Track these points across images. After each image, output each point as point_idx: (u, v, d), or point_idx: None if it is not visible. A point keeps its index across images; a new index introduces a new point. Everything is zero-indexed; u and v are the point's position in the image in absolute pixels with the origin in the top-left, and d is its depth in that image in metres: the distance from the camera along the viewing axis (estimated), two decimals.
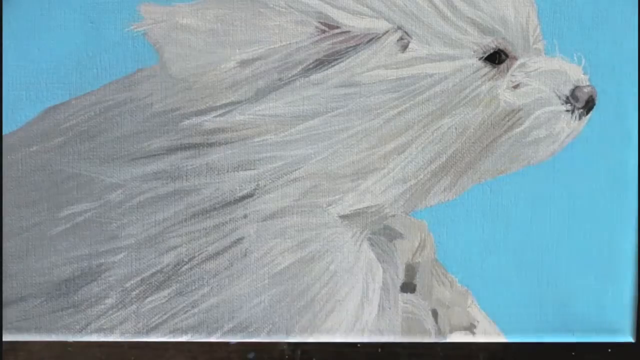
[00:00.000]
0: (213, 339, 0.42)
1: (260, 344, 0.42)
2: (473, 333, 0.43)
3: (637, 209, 0.42)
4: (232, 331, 0.42)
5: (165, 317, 0.42)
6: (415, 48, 0.42)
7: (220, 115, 0.41)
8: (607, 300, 0.43)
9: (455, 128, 0.42)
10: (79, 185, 0.41)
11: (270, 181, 0.42)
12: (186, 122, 0.41)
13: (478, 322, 0.42)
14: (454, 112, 0.42)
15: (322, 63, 0.42)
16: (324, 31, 0.42)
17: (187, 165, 0.42)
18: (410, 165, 0.42)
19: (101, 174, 0.41)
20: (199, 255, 0.42)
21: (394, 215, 0.42)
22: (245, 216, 0.42)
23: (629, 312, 0.43)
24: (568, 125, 0.42)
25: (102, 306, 0.42)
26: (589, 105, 0.42)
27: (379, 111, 0.42)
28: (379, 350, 0.43)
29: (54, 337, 0.41)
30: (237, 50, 0.41)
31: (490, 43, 0.42)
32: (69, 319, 0.41)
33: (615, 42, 0.42)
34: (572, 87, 0.42)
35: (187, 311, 0.42)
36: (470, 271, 0.42)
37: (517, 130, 0.42)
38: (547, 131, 0.42)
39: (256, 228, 0.42)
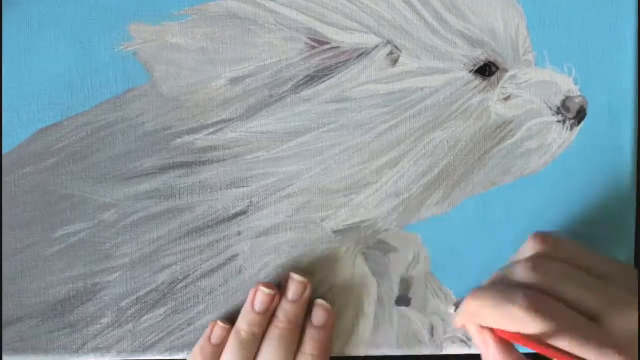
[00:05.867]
0: None
1: None
2: (469, 345, 0.43)
3: (634, 220, 0.42)
4: None
5: (161, 335, 0.42)
6: (406, 62, 0.42)
7: (212, 133, 0.42)
8: None
9: (447, 141, 0.42)
10: (72, 206, 0.41)
11: (264, 198, 0.42)
12: (178, 140, 0.42)
13: None
14: (445, 125, 0.42)
15: (312, 79, 0.42)
16: (313, 47, 0.42)
17: (180, 184, 0.42)
18: (402, 179, 0.42)
19: (94, 194, 0.41)
20: (193, 273, 0.42)
21: (387, 230, 0.42)
22: (239, 233, 0.42)
23: None
24: (560, 136, 0.42)
25: (98, 326, 0.42)
26: (580, 115, 0.42)
27: (370, 126, 0.42)
28: None
29: (50, 358, 0.42)
30: (228, 68, 0.42)
31: (480, 55, 0.42)
32: (65, 339, 0.41)
33: (605, 52, 0.42)
34: (563, 97, 0.42)
35: (183, 329, 0.42)
36: (465, 284, 0.42)
37: (509, 142, 0.42)
38: (539, 142, 0.42)
39: (250, 245, 0.42)
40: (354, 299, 0.43)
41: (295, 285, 0.41)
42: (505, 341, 0.34)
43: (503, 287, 0.34)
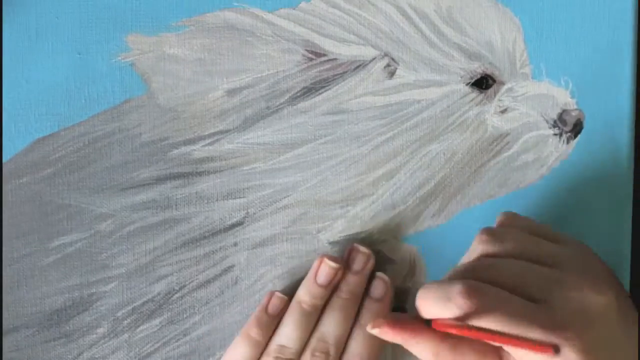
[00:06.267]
0: None
1: None
2: None
3: (630, 232, 0.42)
4: None
5: (157, 345, 0.42)
6: (403, 74, 0.42)
7: (208, 144, 0.42)
8: None
9: (444, 153, 0.42)
10: (69, 216, 0.41)
11: (260, 209, 0.42)
12: (175, 151, 0.42)
13: None
14: (442, 137, 0.42)
15: (309, 91, 0.42)
16: (311, 59, 0.42)
17: (176, 195, 0.42)
18: (399, 191, 0.42)
19: (91, 204, 0.41)
20: (189, 283, 0.42)
21: (383, 241, 0.42)
22: (235, 244, 0.42)
23: None
24: (556, 149, 0.42)
25: (94, 336, 0.42)
26: (576, 128, 0.42)
27: (367, 138, 0.42)
28: None
29: None
30: (225, 79, 0.42)
31: (477, 68, 0.42)
32: (61, 349, 0.41)
33: (602, 65, 0.42)
34: (559, 110, 0.42)
35: (178, 339, 0.42)
36: None
37: (506, 154, 0.42)
38: (535, 155, 0.42)
39: (246, 256, 0.42)
40: None
41: (360, 257, 0.41)
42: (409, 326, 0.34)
43: (443, 282, 0.34)
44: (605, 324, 0.33)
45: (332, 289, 0.40)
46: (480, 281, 0.34)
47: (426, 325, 0.34)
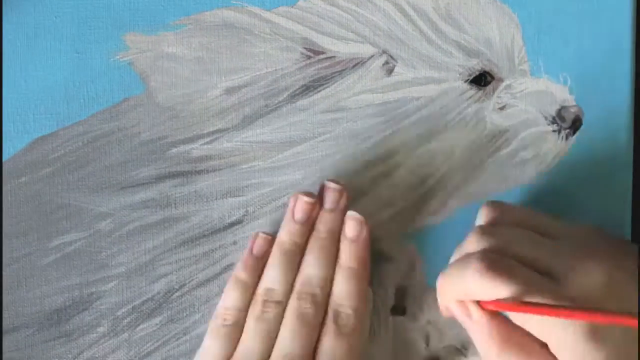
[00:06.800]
0: None
1: None
2: (465, 354, 0.43)
3: (629, 229, 0.42)
4: None
5: (157, 344, 0.42)
6: (401, 72, 0.42)
7: (207, 142, 0.42)
8: None
9: (442, 151, 0.42)
10: (68, 215, 0.41)
11: (259, 207, 0.42)
12: (174, 150, 0.42)
13: (470, 344, 0.42)
14: (440, 135, 0.42)
15: (308, 89, 0.42)
16: (309, 57, 0.42)
17: (175, 193, 0.42)
18: (397, 188, 0.42)
19: (90, 203, 0.41)
20: (189, 282, 0.42)
21: (382, 239, 0.42)
22: (234, 242, 0.42)
23: None
24: (555, 145, 0.42)
25: (94, 335, 0.42)
26: (575, 125, 0.42)
27: (365, 135, 0.42)
28: None
29: None
30: (223, 78, 0.42)
31: (475, 65, 0.42)
32: (61, 349, 0.41)
33: (601, 62, 0.42)
34: (558, 107, 0.42)
35: (179, 338, 0.42)
36: None
37: (504, 151, 0.42)
38: (534, 152, 0.42)
39: None
40: None
41: (330, 193, 0.40)
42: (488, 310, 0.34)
43: (457, 259, 0.35)
44: (615, 294, 0.33)
45: (310, 225, 0.40)
46: (492, 250, 0.34)
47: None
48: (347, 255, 0.39)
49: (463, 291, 0.34)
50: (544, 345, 0.34)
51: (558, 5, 0.42)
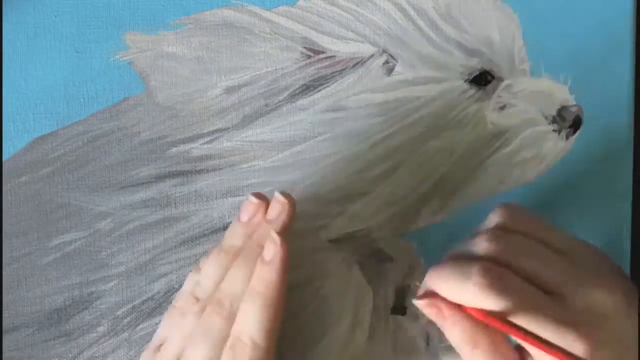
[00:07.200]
0: None
1: None
2: None
3: (630, 228, 0.42)
4: None
5: None
6: (401, 71, 0.42)
7: (207, 142, 0.42)
8: None
9: (443, 150, 0.42)
10: (68, 215, 0.41)
11: None
12: (174, 149, 0.42)
13: None
14: (441, 134, 0.42)
15: (308, 88, 0.42)
16: (309, 56, 0.42)
17: (175, 193, 0.42)
18: (398, 188, 0.42)
19: (90, 202, 0.41)
20: None
21: (383, 238, 0.42)
22: None
23: None
24: (555, 145, 0.42)
25: (94, 334, 0.42)
26: (575, 124, 0.42)
27: (366, 135, 0.42)
28: None
29: None
30: (223, 77, 0.42)
31: (476, 65, 0.42)
32: (61, 348, 0.41)
33: (601, 61, 0.42)
34: (558, 107, 0.42)
35: None
36: None
37: (505, 151, 0.42)
38: (535, 151, 0.42)
39: None
40: (349, 308, 0.42)
41: (274, 205, 0.37)
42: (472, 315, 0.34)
43: (460, 261, 0.34)
44: (616, 323, 0.33)
45: (252, 228, 0.38)
46: (497, 259, 0.33)
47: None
48: (258, 281, 0.36)
49: (459, 300, 0.34)
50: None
51: (558, 5, 0.42)
